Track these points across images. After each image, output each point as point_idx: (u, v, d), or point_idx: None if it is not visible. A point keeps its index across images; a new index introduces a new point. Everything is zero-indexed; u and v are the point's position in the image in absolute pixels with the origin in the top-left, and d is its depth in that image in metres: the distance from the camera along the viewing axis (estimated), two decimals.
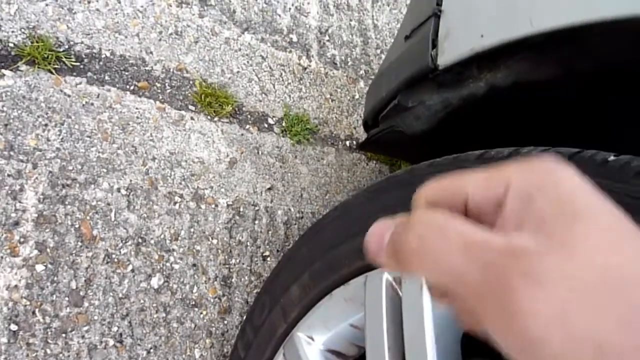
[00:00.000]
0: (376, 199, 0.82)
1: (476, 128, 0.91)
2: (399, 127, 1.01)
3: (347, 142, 1.60)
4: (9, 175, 1.00)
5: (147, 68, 1.25)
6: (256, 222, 1.31)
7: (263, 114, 1.42)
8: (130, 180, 1.13)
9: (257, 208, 1.32)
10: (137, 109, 1.20)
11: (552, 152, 0.61)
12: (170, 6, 1.34)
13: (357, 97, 1.67)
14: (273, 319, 0.97)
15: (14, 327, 0.93)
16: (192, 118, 1.28)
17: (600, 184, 0.57)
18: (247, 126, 1.37)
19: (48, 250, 1.00)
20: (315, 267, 0.90)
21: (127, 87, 1.21)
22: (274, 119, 1.44)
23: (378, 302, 0.74)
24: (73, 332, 0.99)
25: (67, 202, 1.04)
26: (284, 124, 1.45)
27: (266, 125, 1.42)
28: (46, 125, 1.07)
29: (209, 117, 1.31)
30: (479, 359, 0.74)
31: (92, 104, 1.14)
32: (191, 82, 1.31)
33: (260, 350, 0.98)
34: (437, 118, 0.93)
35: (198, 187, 1.23)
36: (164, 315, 1.10)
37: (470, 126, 0.92)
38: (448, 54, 0.79)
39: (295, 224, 1.38)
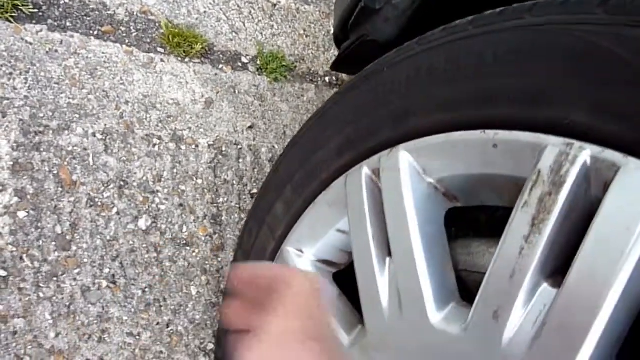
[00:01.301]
0: (346, 98, 0.80)
1: (447, 19, 0.88)
2: (370, 36, 0.98)
3: (327, 79, 1.57)
4: None
5: (109, 12, 1.21)
6: (240, 160, 1.29)
7: (236, 53, 1.39)
8: (105, 125, 1.11)
9: (240, 147, 1.30)
10: (103, 53, 1.17)
11: (512, 8, 0.59)
12: None
13: (332, 32, 1.63)
14: (262, 240, 0.97)
15: (3, 273, 0.93)
16: (162, 60, 1.25)
17: (565, 20, 0.55)
18: (220, 66, 1.35)
19: (28, 197, 0.99)
20: (296, 179, 0.89)
21: (91, 32, 1.17)
22: (248, 57, 1.41)
23: (359, 195, 0.73)
24: (64, 276, 0.99)
25: (42, 149, 1.02)
26: (258, 62, 1.42)
27: (240, 64, 1.39)
28: (11, 74, 1.04)
29: (179, 58, 1.27)
30: (464, 237, 0.73)
31: (57, 51, 1.11)
32: (157, 24, 1.27)
33: None
34: (407, 17, 0.91)
35: (176, 128, 1.21)
36: (155, 255, 1.10)
37: (440, 19, 0.89)
38: None
39: None
